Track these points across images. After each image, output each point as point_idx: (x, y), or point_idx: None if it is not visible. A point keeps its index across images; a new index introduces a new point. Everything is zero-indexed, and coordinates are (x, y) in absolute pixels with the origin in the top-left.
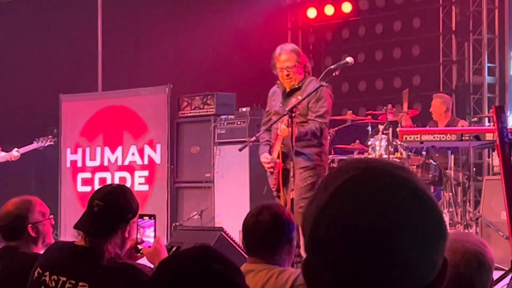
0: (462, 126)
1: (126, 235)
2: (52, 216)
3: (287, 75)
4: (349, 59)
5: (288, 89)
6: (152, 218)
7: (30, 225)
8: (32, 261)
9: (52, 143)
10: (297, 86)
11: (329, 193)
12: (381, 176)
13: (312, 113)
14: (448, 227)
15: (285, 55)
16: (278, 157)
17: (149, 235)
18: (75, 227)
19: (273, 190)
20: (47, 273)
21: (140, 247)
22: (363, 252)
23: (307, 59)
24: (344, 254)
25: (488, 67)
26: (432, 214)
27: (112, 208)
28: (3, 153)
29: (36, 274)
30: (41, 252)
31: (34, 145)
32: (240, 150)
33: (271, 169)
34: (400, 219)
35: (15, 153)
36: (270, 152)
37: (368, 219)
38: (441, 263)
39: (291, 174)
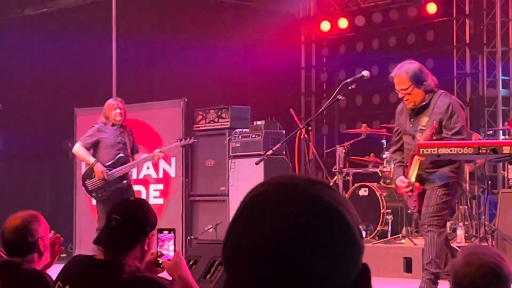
0: (476, 139)
1: (146, 248)
2: (53, 231)
3: (403, 97)
4: (365, 73)
5: (410, 109)
6: (171, 232)
7: (39, 238)
8: (36, 279)
9: (195, 140)
10: (425, 103)
11: (237, 211)
12: (287, 192)
13: (447, 131)
14: (463, 241)
15: (397, 78)
16: (416, 180)
17: (169, 249)
18: (95, 242)
19: (414, 211)
20: (67, 287)
21: (160, 261)
22: (263, 266)
23: (429, 76)
24: (247, 271)
25: (502, 79)
26: (339, 226)
27: (131, 222)
28: (145, 154)
29: None
30: (40, 269)
31: (178, 143)
32: (257, 163)
33: (410, 193)
34: (299, 233)
35: (159, 153)
36: (404, 174)
37: (264, 232)
38: (355, 274)
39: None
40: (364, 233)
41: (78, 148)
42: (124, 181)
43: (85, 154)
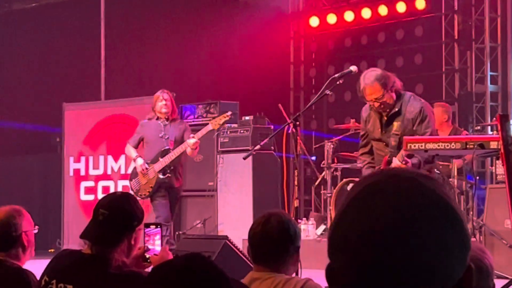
0: None
1: (132, 242)
2: (37, 226)
3: (378, 106)
4: (353, 68)
5: (386, 117)
6: (158, 226)
7: (23, 233)
8: (18, 277)
9: (229, 117)
10: (396, 109)
11: (350, 197)
12: (401, 183)
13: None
14: None
15: (369, 89)
16: None
17: (156, 244)
18: (82, 236)
19: None
20: (54, 281)
21: (147, 255)
22: (376, 255)
23: (393, 78)
24: (359, 257)
25: (490, 75)
26: (452, 223)
27: (118, 216)
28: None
29: (43, 283)
30: (24, 265)
31: (209, 127)
32: (244, 158)
33: None
34: (415, 224)
35: (192, 140)
36: None
37: (382, 222)
38: (461, 272)
39: None
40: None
41: (126, 148)
42: (165, 176)
43: (129, 152)
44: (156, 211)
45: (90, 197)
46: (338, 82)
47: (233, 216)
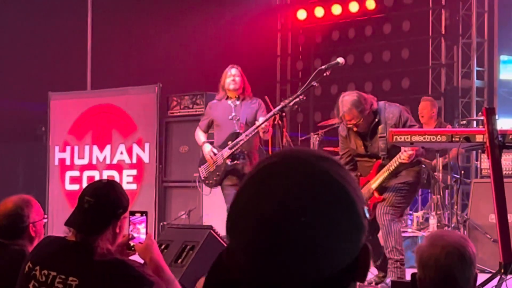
0: None
1: (117, 230)
2: (46, 216)
3: (359, 127)
4: (340, 60)
5: (367, 131)
6: (143, 214)
7: (31, 224)
8: (21, 256)
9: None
10: (376, 121)
11: (247, 178)
12: (295, 164)
13: None
14: (435, 230)
15: (349, 115)
16: (377, 189)
17: (141, 232)
18: (66, 223)
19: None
20: (38, 268)
21: (132, 243)
22: (267, 237)
23: (369, 99)
24: (251, 238)
25: (477, 71)
26: (346, 205)
27: (103, 204)
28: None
29: (26, 269)
30: None
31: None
32: (230, 148)
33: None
34: (306, 206)
35: (260, 119)
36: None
37: (273, 204)
38: (356, 254)
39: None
40: (367, 214)
41: (195, 133)
42: (233, 162)
43: (198, 137)
44: (226, 202)
45: (75, 187)
46: (325, 74)
47: (218, 208)
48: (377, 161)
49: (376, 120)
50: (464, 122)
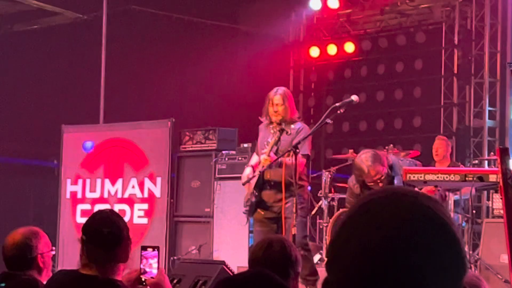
0: None
1: (123, 255)
2: (54, 248)
3: (382, 183)
4: (354, 97)
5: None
6: (155, 249)
7: (39, 255)
8: (30, 284)
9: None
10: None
11: (351, 211)
12: (401, 200)
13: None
14: None
15: (373, 171)
16: None
17: (152, 267)
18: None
19: None
20: None
21: (143, 278)
22: (372, 270)
23: (382, 155)
24: (355, 271)
25: (489, 110)
26: (450, 243)
27: (104, 235)
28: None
29: None
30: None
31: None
32: (243, 184)
33: None
34: (413, 242)
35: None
36: None
37: (380, 238)
38: None
39: None
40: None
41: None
42: (255, 195)
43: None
44: (254, 239)
45: None
46: (338, 111)
47: (229, 243)
48: None
49: (393, 174)
50: (476, 161)
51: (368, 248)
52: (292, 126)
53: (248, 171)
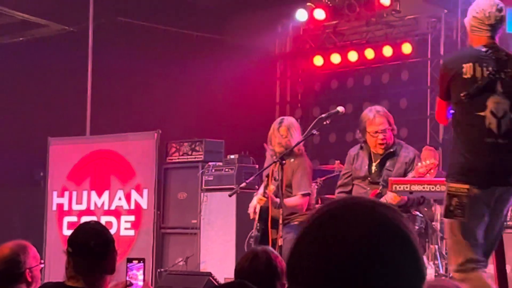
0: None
1: (109, 267)
2: (42, 261)
3: (381, 139)
4: (340, 109)
5: (381, 154)
6: (141, 261)
7: (27, 269)
8: None
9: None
10: (393, 150)
11: (306, 224)
12: (358, 210)
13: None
14: (433, 279)
15: (379, 119)
16: None
17: (138, 278)
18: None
19: None
20: None
21: None
22: (331, 283)
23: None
24: (316, 282)
25: None
26: (409, 253)
27: (91, 247)
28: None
29: None
30: None
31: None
32: (230, 195)
33: None
34: (371, 253)
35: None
36: None
37: (337, 250)
38: None
39: None
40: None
41: None
42: (258, 229)
43: None
44: None
45: None
46: (325, 122)
47: (216, 255)
48: (373, 191)
49: (392, 150)
50: None
51: (325, 265)
52: (292, 159)
53: (254, 201)
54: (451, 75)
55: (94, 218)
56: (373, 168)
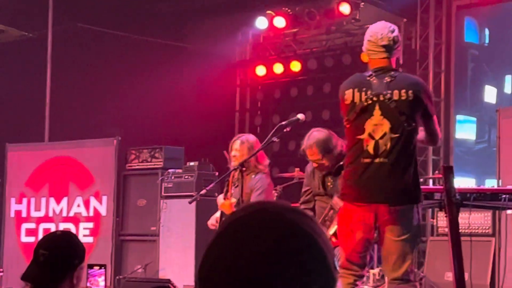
0: None
1: (74, 281)
2: (2, 269)
3: (317, 167)
4: (300, 116)
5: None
6: (102, 267)
7: None
8: None
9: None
10: (340, 164)
11: (217, 232)
12: (266, 217)
13: None
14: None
15: (308, 151)
16: (334, 234)
17: (99, 284)
18: (23, 278)
19: None
20: None
21: None
22: None
23: (336, 140)
24: None
25: None
26: (317, 258)
27: (58, 256)
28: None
29: None
30: None
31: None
32: (190, 202)
33: None
34: (279, 260)
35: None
36: None
37: (244, 258)
38: None
39: None
40: (338, 266)
41: None
42: None
43: None
44: None
45: (31, 239)
46: (285, 130)
47: (175, 262)
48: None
49: (341, 163)
50: (422, 180)
51: (233, 273)
52: (253, 175)
53: (217, 214)
54: (340, 101)
55: (52, 225)
56: (328, 183)
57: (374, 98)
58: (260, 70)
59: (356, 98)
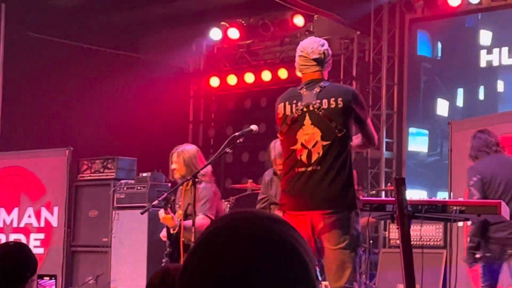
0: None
1: None
2: None
3: None
4: (253, 127)
5: None
6: (52, 278)
7: None
8: None
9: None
10: None
11: (197, 242)
12: (246, 226)
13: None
14: None
15: (279, 159)
16: None
17: None
18: None
19: None
20: None
21: None
22: None
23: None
24: None
25: (386, 142)
26: (298, 266)
27: (10, 267)
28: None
29: None
30: None
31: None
32: (142, 213)
33: None
34: (256, 269)
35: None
36: None
37: (224, 267)
38: None
39: None
40: (319, 276)
41: None
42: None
43: None
44: None
45: None
46: (238, 141)
47: (126, 273)
48: None
49: None
50: (374, 192)
51: (211, 284)
52: (198, 185)
53: (164, 233)
54: (275, 115)
55: (3, 236)
56: None
57: (304, 109)
58: (214, 81)
59: (287, 111)
